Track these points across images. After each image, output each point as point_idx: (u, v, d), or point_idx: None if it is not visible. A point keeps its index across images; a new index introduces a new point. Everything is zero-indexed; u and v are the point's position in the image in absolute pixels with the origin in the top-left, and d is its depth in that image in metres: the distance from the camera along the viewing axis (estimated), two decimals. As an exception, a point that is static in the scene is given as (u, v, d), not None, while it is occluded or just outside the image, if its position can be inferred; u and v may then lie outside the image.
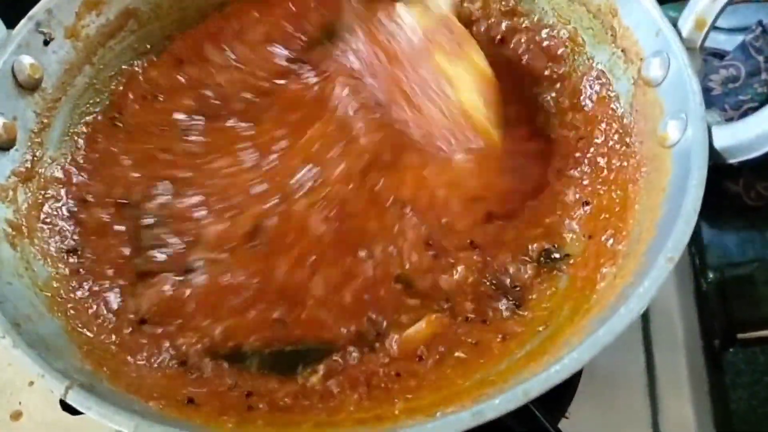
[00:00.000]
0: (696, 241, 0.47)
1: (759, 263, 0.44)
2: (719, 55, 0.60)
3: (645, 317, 0.44)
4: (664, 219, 0.30)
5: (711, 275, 0.44)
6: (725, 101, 0.56)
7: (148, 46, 0.44)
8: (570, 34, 0.40)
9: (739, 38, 0.58)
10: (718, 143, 0.30)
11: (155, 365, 0.32)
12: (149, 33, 0.44)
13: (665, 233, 0.29)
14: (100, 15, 0.42)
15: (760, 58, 0.50)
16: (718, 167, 0.54)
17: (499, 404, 0.25)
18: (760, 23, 0.56)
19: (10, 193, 0.36)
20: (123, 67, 0.43)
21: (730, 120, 0.44)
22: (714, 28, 0.67)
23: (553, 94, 0.41)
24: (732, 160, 0.30)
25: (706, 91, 0.56)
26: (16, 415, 0.44)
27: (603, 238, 0.34)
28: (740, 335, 0.42)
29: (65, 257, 0.36)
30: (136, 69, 0.44)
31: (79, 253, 0.37)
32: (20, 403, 0.44)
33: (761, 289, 0.43)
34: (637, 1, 0.36)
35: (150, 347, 0.33)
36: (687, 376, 0.42)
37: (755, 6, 0.37)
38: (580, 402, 0.40)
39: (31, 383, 0.45)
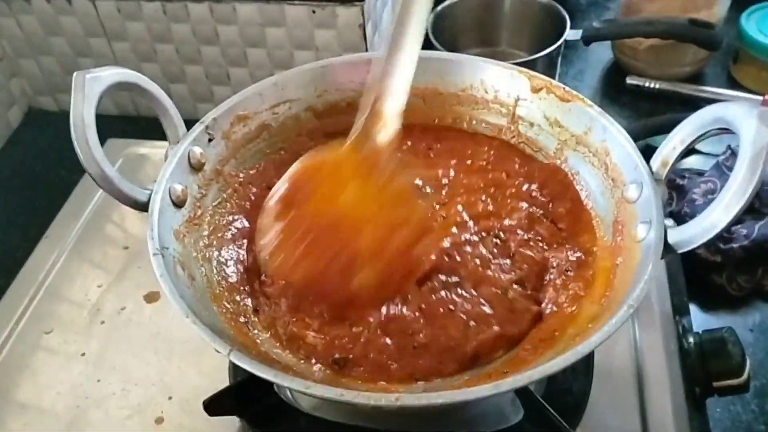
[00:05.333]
0: (680, 312, 0.62)
1: (728, 329, 0.57)
2: (700, 173, 0.76)
3: (639, 369, 0.58)
4: (630, 287, 0.44)
5: (691, 338, 0.58)
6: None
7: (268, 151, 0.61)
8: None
9: (714, 160, 0.75)
10: (671, 240, 0.45)
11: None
12: (275, 141, 0.61)
13: (630, 294, 0.43)
14: (245, 126, 0.58)
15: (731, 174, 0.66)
16: (708, 266, 0.68)
17: (512, 382, 0.38)
18: (729, 147, 0.73)
19: (181, 235, 0.51)
20: (254, 163, 0.60)
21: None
22: (697, 152, 0.85)
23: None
24: (679, 251, 0.44)
25: (691, 201, 0.71)
26: (159, 421, 0.55)
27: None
28: (715, 383, 0.55)
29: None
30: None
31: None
32: (162, 411, 0.55)
33: (730, 348, 0.55)
34: (623, 147, 0.51)
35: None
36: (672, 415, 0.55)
37: (728, 137, 0.51)
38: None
39: (170, 398, 0.56)
